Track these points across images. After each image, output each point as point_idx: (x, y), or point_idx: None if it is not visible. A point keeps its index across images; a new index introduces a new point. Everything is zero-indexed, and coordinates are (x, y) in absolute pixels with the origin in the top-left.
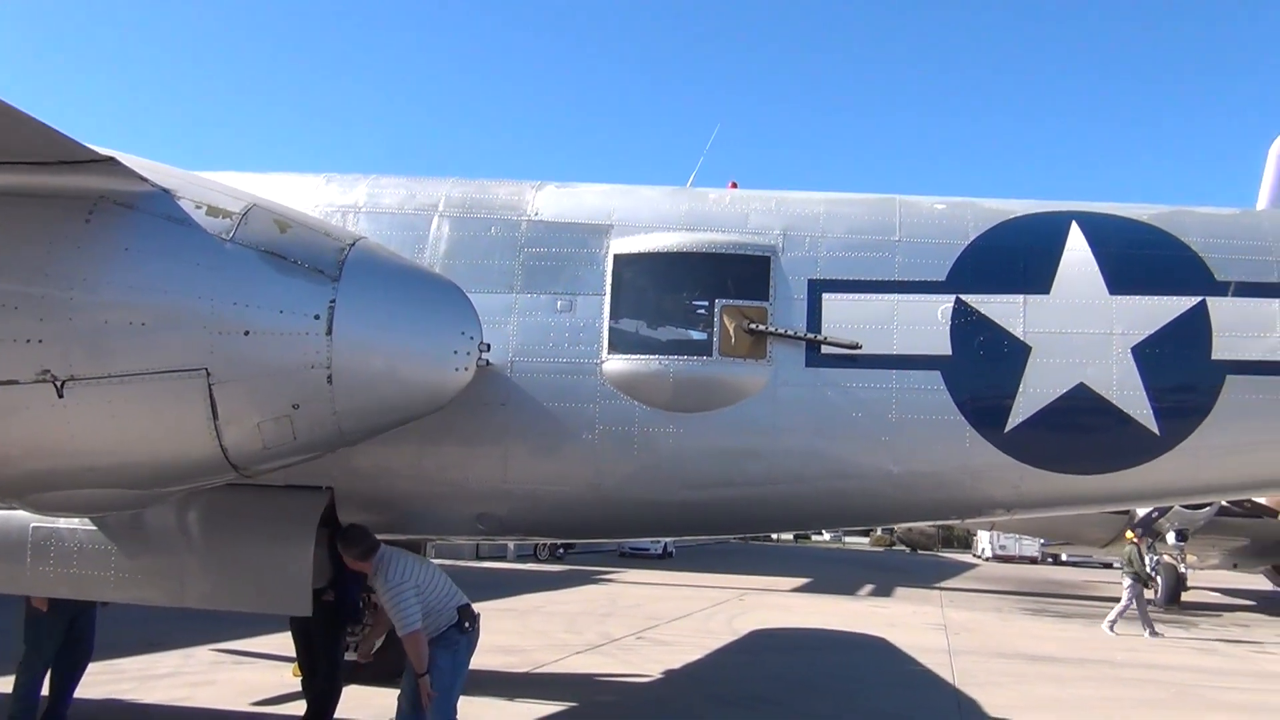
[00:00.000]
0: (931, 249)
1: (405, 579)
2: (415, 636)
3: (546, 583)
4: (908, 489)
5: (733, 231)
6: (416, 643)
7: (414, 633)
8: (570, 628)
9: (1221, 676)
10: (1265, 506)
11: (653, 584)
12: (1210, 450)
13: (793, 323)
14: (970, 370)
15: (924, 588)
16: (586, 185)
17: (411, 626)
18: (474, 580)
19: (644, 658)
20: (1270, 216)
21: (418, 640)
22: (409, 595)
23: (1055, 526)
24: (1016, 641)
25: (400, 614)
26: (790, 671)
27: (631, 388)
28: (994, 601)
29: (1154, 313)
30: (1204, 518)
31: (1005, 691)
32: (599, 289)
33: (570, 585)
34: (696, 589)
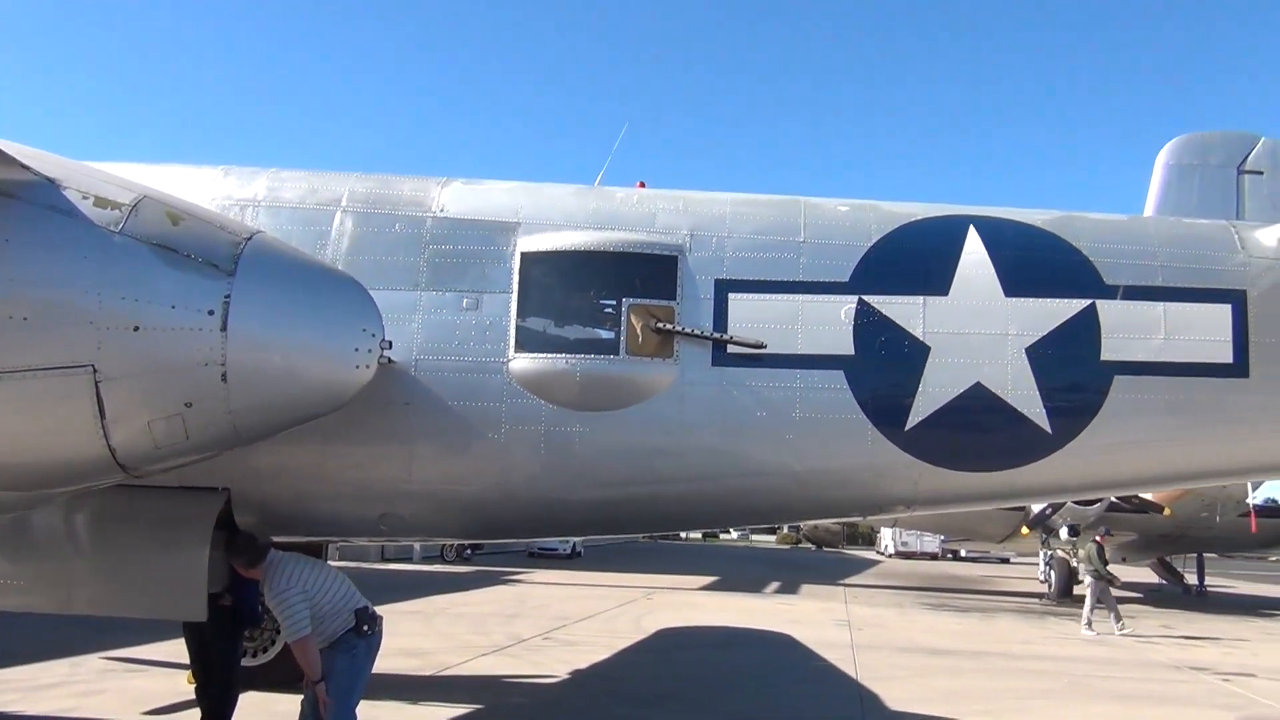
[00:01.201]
0: (835, 250)
1: (291, 584)
2: (303, 643)
3: (453, 584)
4: (811, 486)
5: (640, 231)
6: (305, 649)
7: (302, 639)
8: (477, 629)
9: (1110, 666)
10: (1151, 502)
11: (561, 584)
12: (1099, 448)
13: (699, 322)
14: (872, 370)
15: (829, 584)
16: (493, 182)
17: (299, 633)
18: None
19: (551, 658)
20: (1156, 223)
21: (306, 647)
22: (296, 601)
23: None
24: (917, 636)
25: (287, 620)
26: (696, 669)
27: (538, 386)
28: (896, 597)
29: (1046, 315)
30: (1094, 513)
31: (906, 685)
32: (506, 287)
33: (477, 586)
34: (605, 588)
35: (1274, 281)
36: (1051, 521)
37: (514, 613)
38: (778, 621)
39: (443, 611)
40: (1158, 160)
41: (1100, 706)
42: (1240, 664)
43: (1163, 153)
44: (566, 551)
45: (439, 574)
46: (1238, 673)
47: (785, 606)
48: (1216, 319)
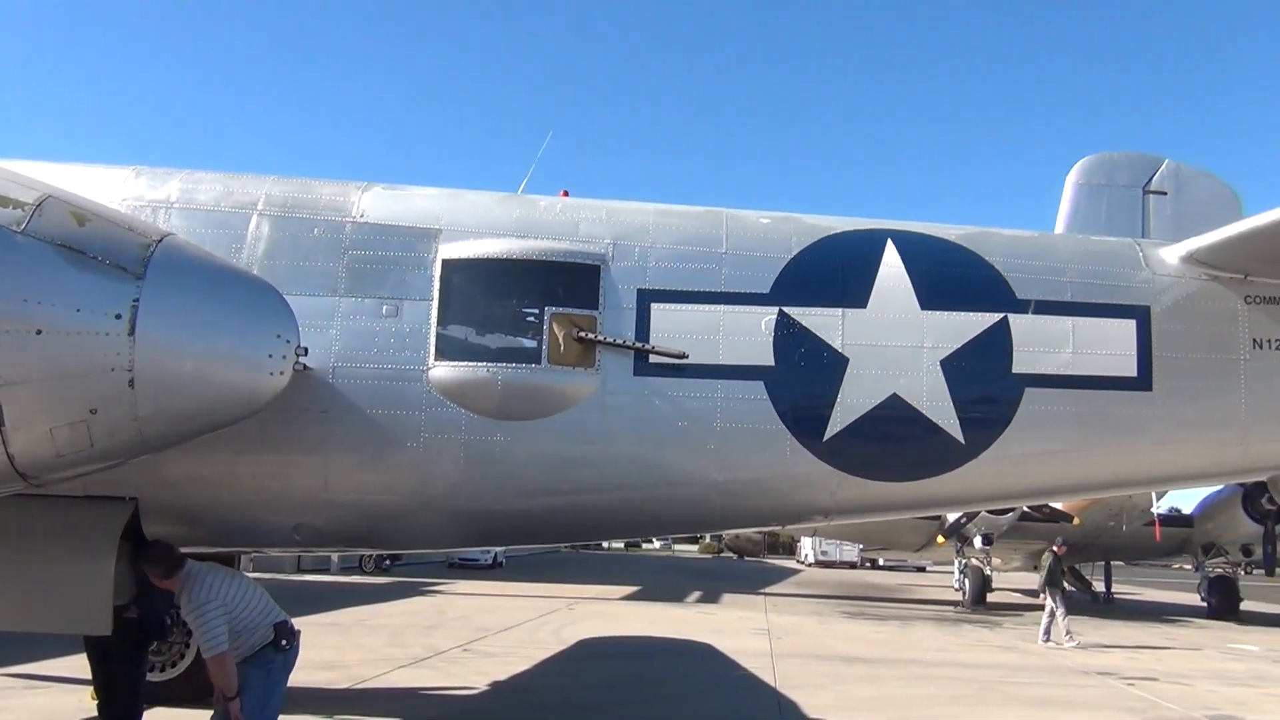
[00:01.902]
0: (756, 262)
1: (211, 597)
2: (221, 658)
3: (371, 595)
4: (732, 496)
5: (563, 239)
6: (222, 665)
7: (220, 654)
8: (394, 641)
9: (1021, 672)
10: (1061, 511)
11: (482, 595)
12: (1010, 458)
13: (621, 332)
14: (791, 381)
15: (750, 594)
16: (415, 188)
17: (217, 648)
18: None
19: (470, 670)
20: (1065, 240)
21: (224, 662)
22: (214, 614)
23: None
24: (836, 644)
25: (205, 634)
26: (617, 679)
27: (459, 395)
28: (815, 606)
29: (961, 328)
30: (1007, 523)
31: (824, 692)
32: (426, 294)
33: (396, 597)
34: (526, 599)
35: (1176, 298)
36: (966, 530)
37: (433, 624)
38: (699, 631)
39: (360, 623)
40: (1068, 179)
41: (1011, 711)
42: (1144, 668)
43: (1073, 172)
44: (488, 562)
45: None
46: (1142, 677)
47: (706, 616)
48: (1122, 334)
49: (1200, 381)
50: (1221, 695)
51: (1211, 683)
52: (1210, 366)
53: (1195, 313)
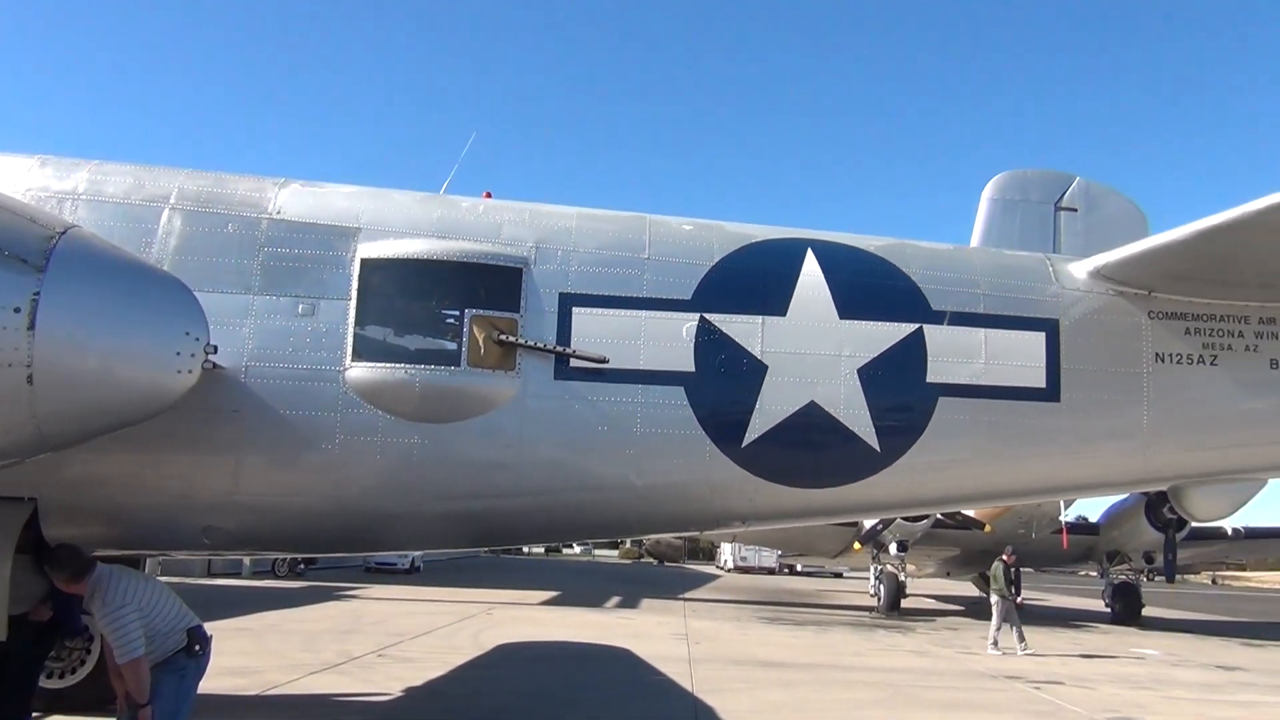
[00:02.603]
0: (678, 268)
1: (126, 600)
2: (137, 664)
3: (284, 600)
4: (651, 501)
5: (485, 241)
6: (138, 671)
7: (135, 660)
8: (308, 646)
9: (933, 677)
10: (973, 519)
11: (398, 599)
12: (924, 466)
13: (543, 335)
14: (711, 387)
15: (669, 599)
16: (334, 186)
17: (133, 653)
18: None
19: (385, 675)
20: (979, 254)
21: (139, 668)
22: (130, 619)
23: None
24: (753, 649)
25: (120, 639)
26: (533, 684)
27: (376, 397)
28: (734, 611)
29: (877, 337)
30: (921, 530)
31: (740, 697)
32: (344, 293)
33: (310, 602)
34: (444, 604)
35: (1084, 312)
36: (882, 537)
37: (348, 629)
38: (617, 636)
39: (272, 629)
40: (983, 194)
41: (922, 714)
42: (1051, 672)
43: (988, 187)
44: (405, 566)
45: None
46: (1048, 680)
47: (625, 621)
48: (1032, 346)
49: (1105, 393)
50: (1123, 698)
51: (1114, 686)
52: (1115, 379)
53: (1102, 327)
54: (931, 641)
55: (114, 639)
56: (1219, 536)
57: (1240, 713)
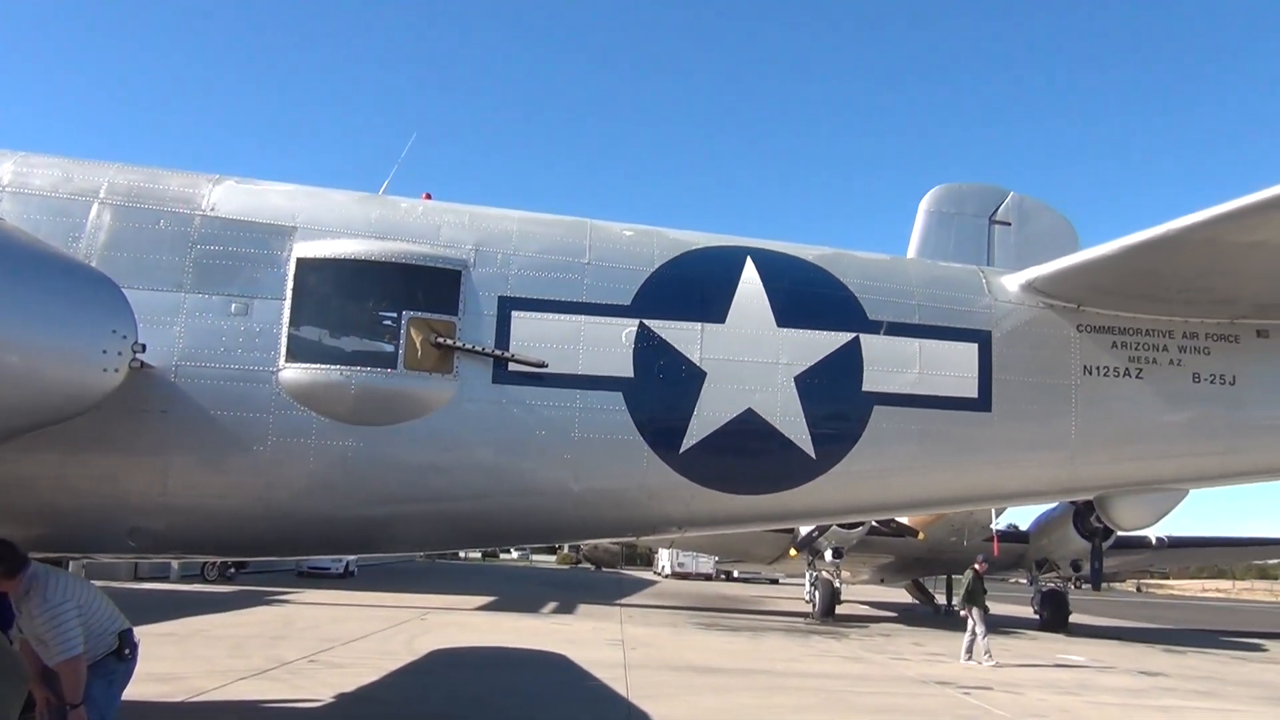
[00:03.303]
0: (618, 274)
1: (67, 597)
2: (76, 661)
3: (213, 604)
4: (588, 506)
5: (424, 243)
6: (77, 669)
7: (75, 658)
8: (237, 652)
9: (865, 682)
10: (908, 526)
11: (332, 604)
12: (859, 474)
13: (481, 338)
14: (650, 393)
15: (606, 604)
16: (270, 183)
17: (73, 651)
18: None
19: (316, 681)
20: (915, 265)
21: (79, 666)
22: (70, 615)
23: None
24: (688, 655)
25: (61, 636)
26: (467, 690)
27: (310, 398)
28: (670, 617)
29: (814, 346)
30: (856, 537)
31: (674, 703)
32: (279, 293)
33: (240, 607)
34: (378, 609)
35: (1015, 324)
36: (818, 544)
37: (278, 634)
38: (553, 642)
39: (199, 633)
40: (920, 206)
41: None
42: (980, 678)
43: (925, 200)
44: (339, 570)
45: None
46: (977, 686)
47: (561, 626)
48: (964, 357)
49: (1035, 404)
50: (1049, 703)
51: (1041, 691)
52: (1044, 390)
53: (1032, 339)
54: (865, 648)
55: (54, 636)
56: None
57: (1160, 717)
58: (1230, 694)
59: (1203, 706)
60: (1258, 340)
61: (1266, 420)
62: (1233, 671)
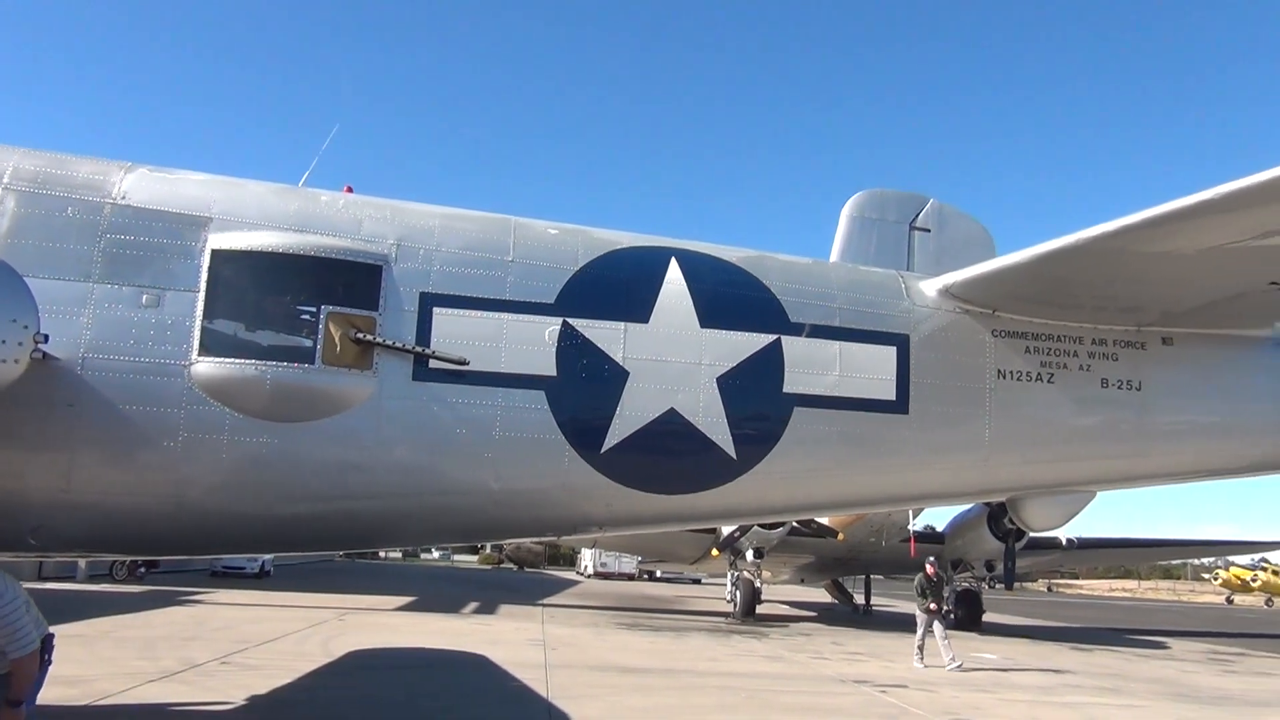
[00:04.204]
0: (542, 272)
1: (16, 595)
2: (33, 657)
3: (122, 605)
4: (508, 506)
5: (344, 237)
6: (33, 665)
7: (32, 655)
8: (145, 654)
9: (785, 681)
10: (827, 527)
11: (246, 604)
12: (779, 475)
13: (402, 335)
14: (572, 392)
15: (528, 605)
16: (185, 172)
17: (29, 645)
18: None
19: (228, 683)
20: (836, 269)
21: (34, 662)
22: (20, 610)
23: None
24: (610, 655)
25: (19, 633)
26: (384, 692)
27: (223, 393)
28: (593, 617)
29: (737, 347)
30: (777, 537)
31: (596, 703)
32: (192, 285)
33: (150, 607)
34: (294, 609)
35: (932, 328)
36: (739, 544)
37: (190, 636)
38: (474, 642)
39: (107, 635)
40: (843, 211)
41: (773, 718)
42: (897, 676)
43: (848, 205)
44: (255, 570)
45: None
46: (894, 684)
47: (482, 627)
48: (883, 359)
49: (951, 407)
50: (962, 700)
51: (955, 689)
52: (960, 394)
53: (949, 343)
54: (785, 647)
55: (11, 632)
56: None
57: (1067, 713)
58: (1133, 690)
59: (1107, 703)
60: (1163, 347)
61: (1170, 425)
62: (1136, 668)
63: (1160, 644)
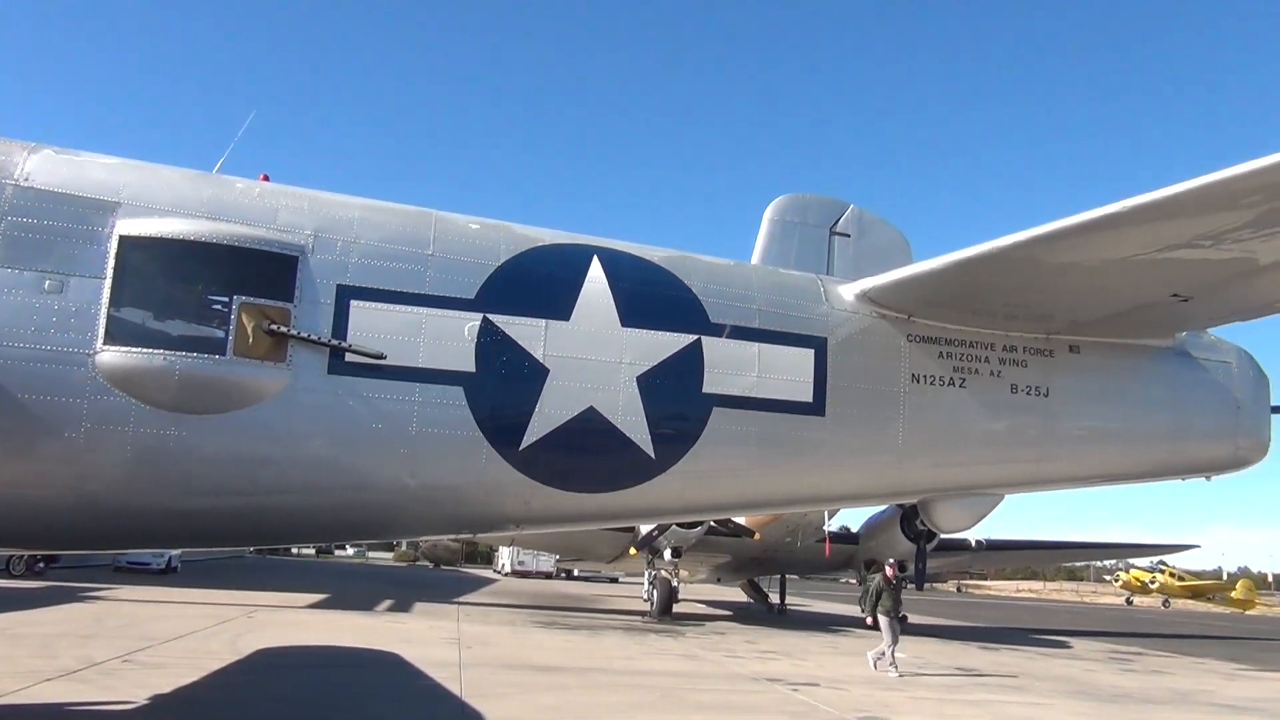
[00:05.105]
0: (463, 267)
1: None
2: None
3: (18, 601)
4: (424, 502)
5: (260, 226)
6: None
7: None
8: (43, 652)
9: (698, 680)
10: (744, 527)
11: (151, 601)
12: (697, 474)
13: (317, 327)
14: (491, 388)
15: (443, 603)
16: (93, 155)
17: None
18: None
19: (129, 682)
20: (757, 271)
21: None
22: None
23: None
24: (525, 653)
25: None
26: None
27: (129, 384)
28: (509, 615)
29: (657, 346)
30: (695, 536)
31: (509, 701)
32: (99, 271)
33: (49, 604)
34: (201, 606)
35: (850, 332)
36: (657, 543)
37: (90, 633)
38: (386, 640)
39: (2, 632)
40: (765, 214)
41: (686, 716)
42: (808, 675)
43: (770, 208)
44: (160, 566)
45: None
46: (805, 682)
47: (396, 625)
48: (801, 361)
49: (866, 410)
50: (873, 698)
51: (866, 687)
52: (875, 397)
53: (865, 347)
54: (700, 646)
55: None
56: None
57: (974, 710)
58: (1037, 688)
59: (1011, 700)
60: (1070, 355)
61: (1075, 431)
62: (1040, 667)
63: (1063, 643)
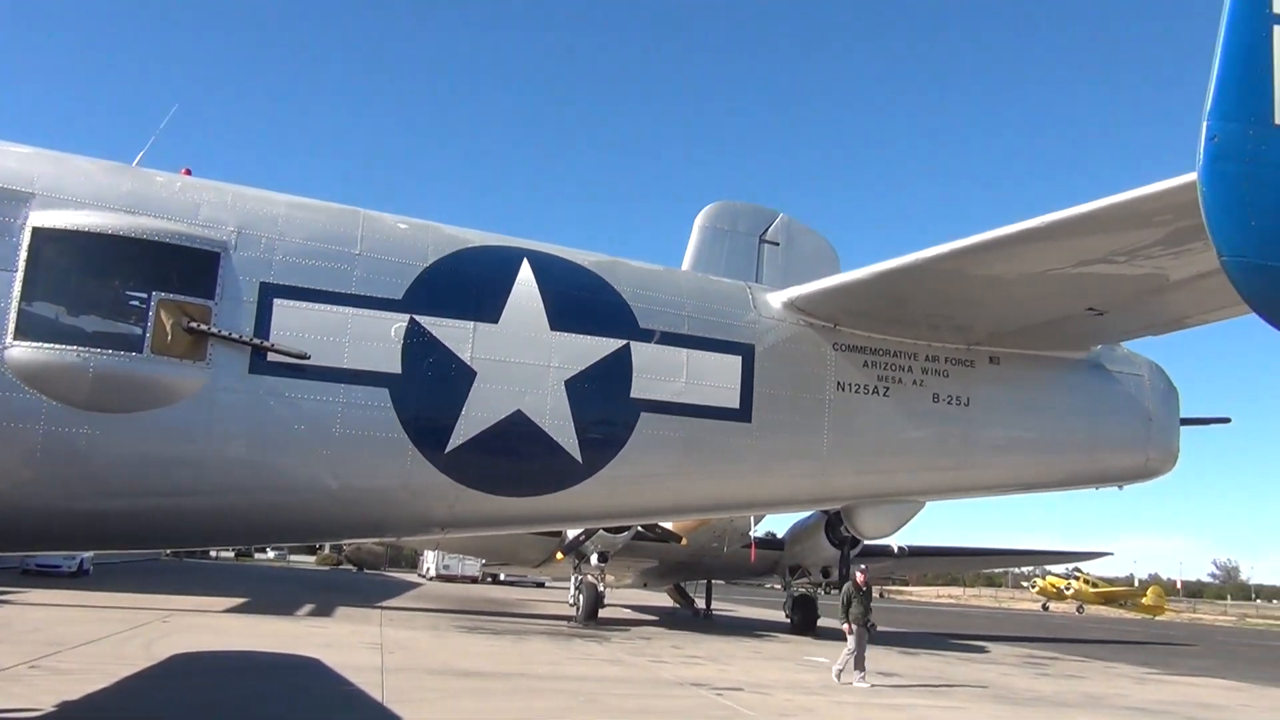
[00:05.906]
0: (390, 267)
1: None
2: None
3: None
4: (347, 505)
5: (180, 221)
6: None
7: None
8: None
9: (623, 684)
10: (671, 532)
11: (61, 605)
12: (624, 479)
13: (239, 326)
14: (417, 390)
15: (366, 607)
16: (6, 144)
17: None
18: None
19: (36, 689)
20: (687, 277)
21: None
22: None
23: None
24: (449, 658)
25: None
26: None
27: (40, 381)
28: (433, 620)
29: (586, 350)
30: (622, 541)
31: (432, 707)
32: (9, 265)
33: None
34: (114, 610)
35: (776, 339)
36: (584, 548)
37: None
38: (307, 645)
39: None
40: (696, 221)
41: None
42: (732, 679)
43: (701, 215)
44: (71, 569)
45: None
46: (729, 687)
47: (317, 629)
48: (729, 368)
49: (791, 417)
50: (796, 703)
51: (788, 692)
52: (800, 404)
53: (792, 354)
54: (625, 650)
55: None
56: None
57: (893, 714)
58: (955, 692)
59: (930, 704)
60: (990, 366)
61: (993, 440)
62: (958, 671)
63: (981, 648)
